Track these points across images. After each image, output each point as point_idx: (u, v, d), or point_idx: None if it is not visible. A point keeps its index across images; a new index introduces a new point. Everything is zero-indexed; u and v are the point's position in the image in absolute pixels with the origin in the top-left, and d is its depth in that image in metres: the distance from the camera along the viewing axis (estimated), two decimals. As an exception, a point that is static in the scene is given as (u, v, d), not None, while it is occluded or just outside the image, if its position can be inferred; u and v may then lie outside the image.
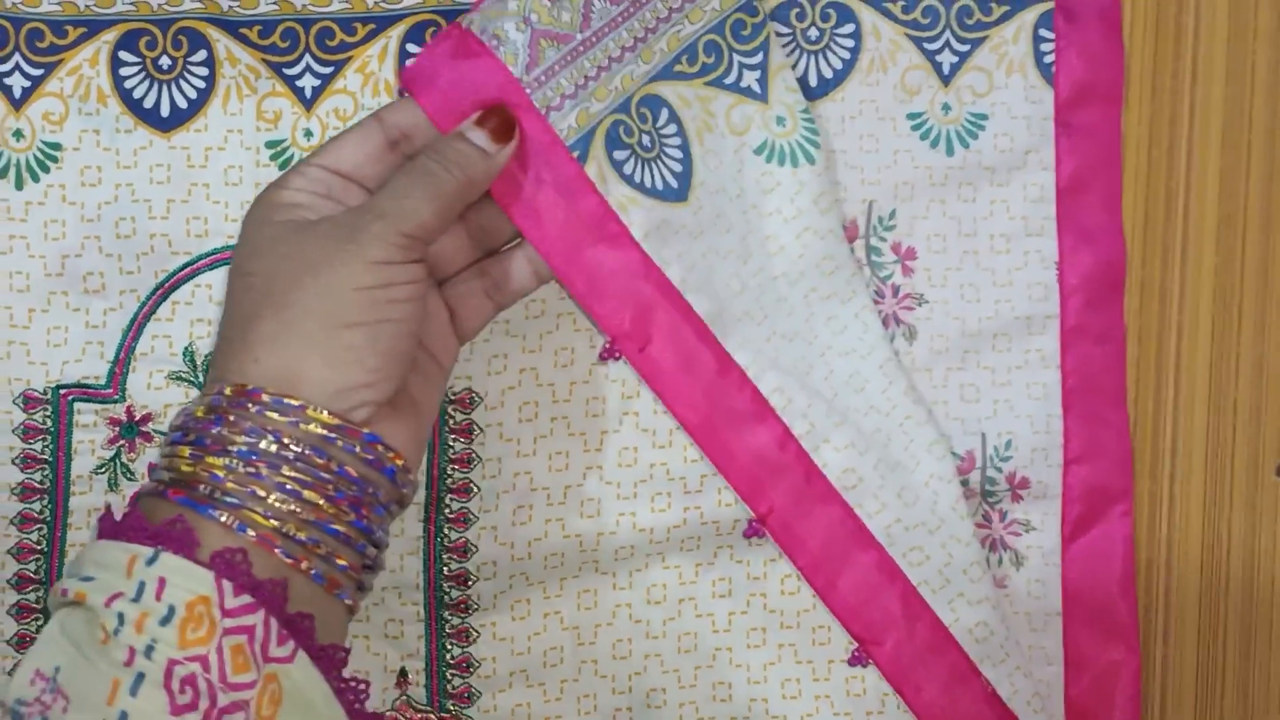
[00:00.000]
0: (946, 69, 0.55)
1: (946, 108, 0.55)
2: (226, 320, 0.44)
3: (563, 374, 0.53)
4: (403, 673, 0.53)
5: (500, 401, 0.53)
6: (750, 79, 0.52)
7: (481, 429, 0.53)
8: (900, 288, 0.55)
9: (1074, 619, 0.55)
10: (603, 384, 0.53)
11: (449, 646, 0.53)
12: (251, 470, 0.40)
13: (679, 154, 0.51)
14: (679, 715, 0.54)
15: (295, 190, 0.45)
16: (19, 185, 0.52)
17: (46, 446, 0.52)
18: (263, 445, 0.40)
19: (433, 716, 0.53)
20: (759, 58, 0.52)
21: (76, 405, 0.52)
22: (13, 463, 0.52)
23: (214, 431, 0.41)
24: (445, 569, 0.53)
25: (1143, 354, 0.56)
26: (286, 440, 0.40)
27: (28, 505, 0.52)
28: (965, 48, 0.55)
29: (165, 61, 0.53)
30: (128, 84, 0.53)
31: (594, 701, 0.54)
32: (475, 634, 0.53)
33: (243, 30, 0.53)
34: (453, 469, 0.53)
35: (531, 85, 0.48)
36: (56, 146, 0.52)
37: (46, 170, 0.52)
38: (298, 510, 0.40)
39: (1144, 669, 0.55)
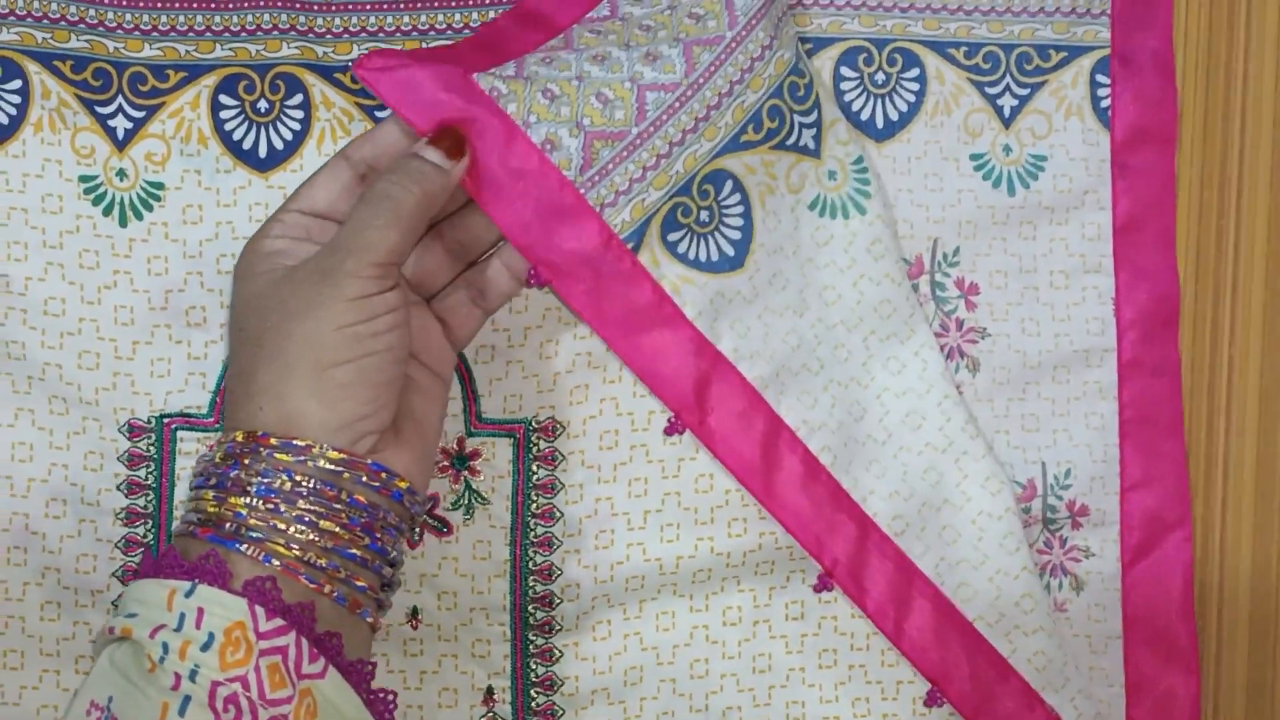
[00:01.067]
0: (1007, 112, 0.58)
1: (1008, 149, 0.58)
2: (231, 373, 0.47)
3: (641, 403, 0.55)
4: (489, 691, 0.55)
5: (582, 430, 0.55)
6: (807, 137, 0.55)
7: (564, 456, 0.55)
8: (964, 321, 0.57)
9: (1134, 642, 0.57)
10: None
11: (533, 666, 0.56)
12: (270, 506, 0.43)
13: (740, 220, 0.54)
14: (754, 732, 0.56)
15: (275, 238, 0.48)
16: (123, 222, 0.55)
17: (150, 473, 0.54)
18: (277, 484, 0.43)
19: (517, 733, 0.56)
20: (814, 115, 0.55)
21: (179, 434, 0.54)
22: (118, 489, 0.54)
23: (232, 475, 0.44)
24: (531, 591, 0.55)
25: (1195, 384, 0.58)
26: (298, 477, 0.44)
27: (132, 529, 0.54)
28: (1025, 92, 0.58)
29: (263, 105, 0.55)
30: (227, 126, 0.55)
31: (672, 719, 0.56)
32: (559, 654, 0.55)
33: (337, 75, 0.55)
34: (537, 495, 0.55)
35: (585, 186, 0.51)
36: (159, 186, 0.55)
37: (150, 208, 0.55)
38: (316, 539, 0.43)
39: (1201, 687, 0.57)
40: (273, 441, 0.44)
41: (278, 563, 0.43)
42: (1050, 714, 0.55)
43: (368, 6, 0.56)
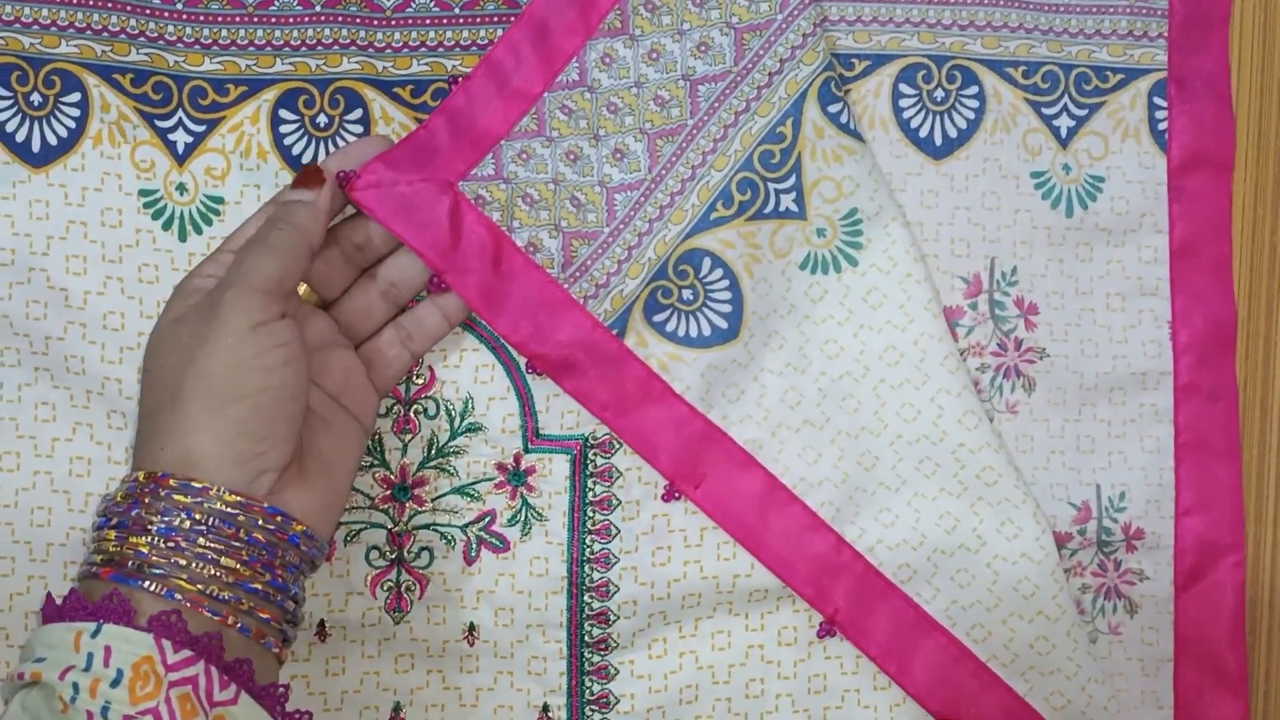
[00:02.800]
0: (1064, 133, 0.58)
1: (1067, 168, 0.58)
2: (140, 413, 0.47)
3: (696, 422, 0.56)
4: (545, 708, 0.55)
5: (639, 448, 0.55)
6: (787, 201, 0.55)
7: (621, 473, 0.55)
8: (1023, 341, 0.57)
9: (1184, 665, 0.57)
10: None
11: (589, 683, 0.55)
12: (171, 544, 0.44)
13: (728, 294, 0.55)
14: (808, 752, 0.56)
15: (206, 276, 0.49)
16: (182, 237, 0.54)
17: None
18: (176, 523, 0.44)
19: (572, 751, 0.56)
20: (792, 180, 0.55)
21: (237, 449, 0.54)
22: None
23: (133, 514, 0.45)
24: (587, 608, 0.55)
25: (1248, 402, 0.58)
26: (197, 516, 0.44)
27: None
28: (1083, 112, 0.58)
29: (323, 119, 0.55)
30: (287, 140, 0.55)
31: (727, 738, 0.56)
32: (614, 671, 0.55)
33: (396, 90, 0.55)
34: (594, 511, 0.55)
35: (568, 282, 0.53)
36: (219, 200, 0.55)
37: (209, 223, 0.54)
38: (217, 574, 0.44)
39: (1250, 711, 0.57)
40: (171, 483, 0.44)
41: (180, 597, 0.43)
42: None
43: (428, 21, 0.56)
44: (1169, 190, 0.58)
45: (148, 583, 0.43)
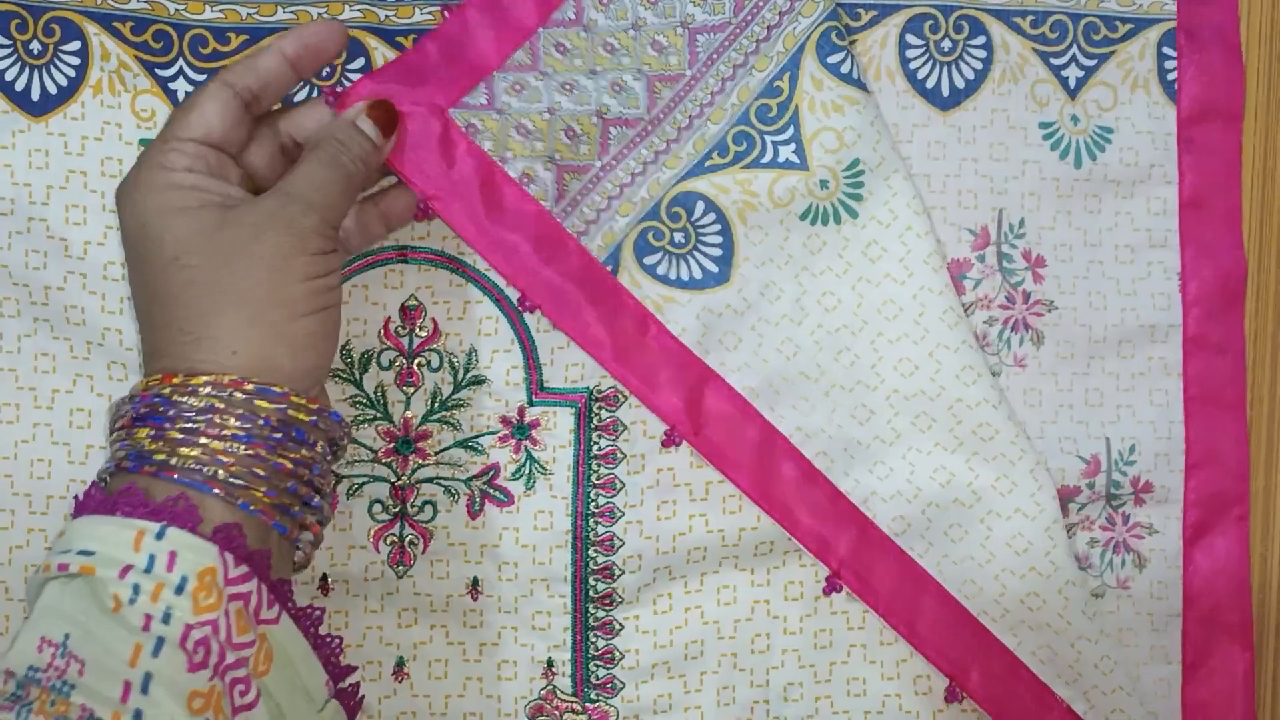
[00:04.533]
0: (1072, 83, 0.57)
1: (1075, 119, 0.57)
2: (173, 310, 0.44)
3: (702, 375, 0.55)
4: (549, 663, 0.55)
5: (644, 401, 0.55)
6: (787, 153, 0.54)
7: (626, 426, 0.55)
8: (1031, 294, 0.57)
9: (1192, 620, 0.57)
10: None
11: (594, 639, 0.55)
12: (250, 453, 0.43)
13: (719, 239, 0.54)
14: (815, 709, 0.56)
15: (184, 172, 0.46)
16: (183, 187, 0.54)
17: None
18: (254, 429, 0.43)
19: (578, 707, 0.55)
20: (790, 132, 0.54)
21: (239, 401, 0.54)
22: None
23: (207, 417, 0.43)
24: (592, 562, 0.55)
25: (1257, 357, 0.58)
26: (275, 423, 0.43)
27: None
28: (1091, 63, 0.57)
29: (324, 68, 0.54)
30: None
31: (733, 694, 0.56)
32: (619, 627, 0.55)
33: (398, 39, 0.55)
34: (598, 465, 0.55)
35: (560, 215, 0.53)
36: (219, 149, 0.54)
37: (210, 172, 0.54)
38: (290, 485, 0.44)
39: (1256, 663, 0.57)
40: (249, 387, 0.43)
41: (255, 509, 0.43)
42: (1061, 703, 0.54)
43: (430, -30, 0.55)
44: (1178, 141, 0.57)
45: (219, 490, 0.42)
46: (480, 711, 0.55)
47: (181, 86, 0.54)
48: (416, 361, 0.55)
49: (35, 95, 0.53)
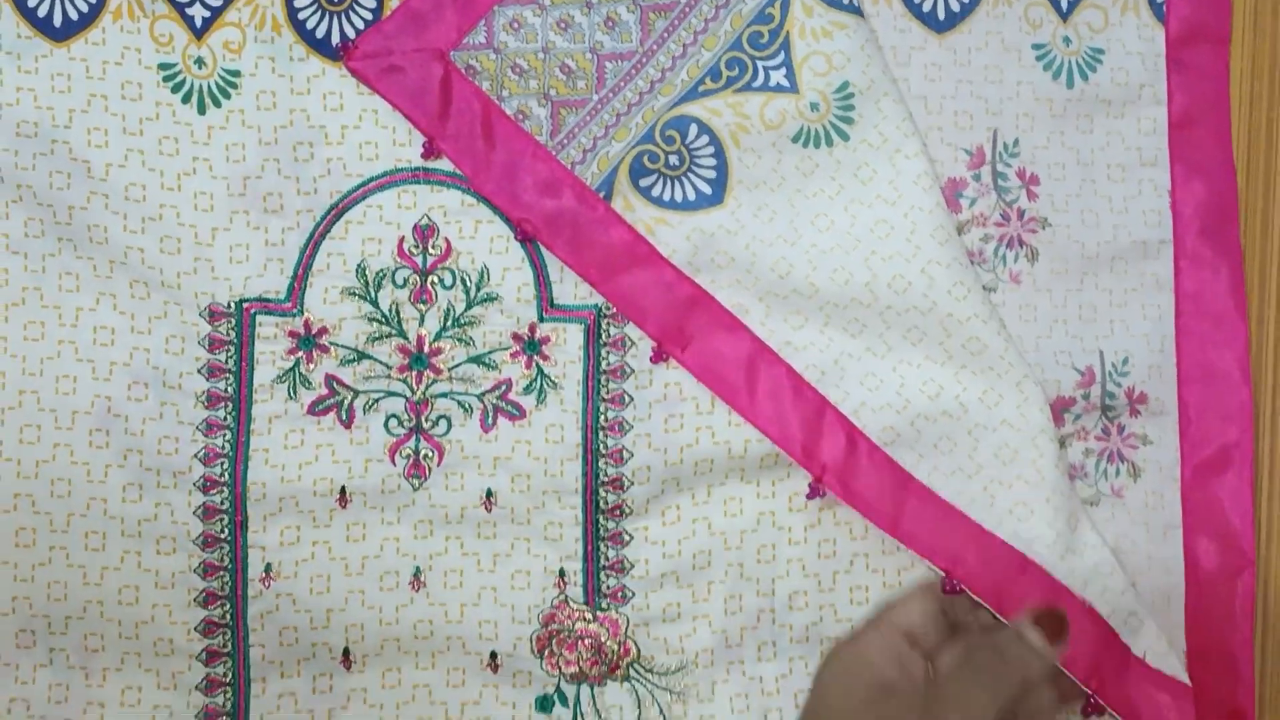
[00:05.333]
0: (1064, 6, 0.59)
1: (1067, 40, 0.59)
2: None
3: (707, 294, 0.57)
4: (561, 573, 0.56)
5: (652, 318, 0.56)
6: (777, 77, 0.56)
7: (634, 342, 0.56)
8: (1025, 211, 0.58)
9: (1193, 531, 0.58)
10: None
11: (604, 549, 0.57)
12: None
13: (713, 161, 0.56)
14: (819, 617, 0.57)
15: (876, 651, 0.47)
16: (201, 109, 0.55)
17: (230, 357, 0.55)
18: None
19: (589, 615, 0.57)
20: (781, 57, 0.56)
21: (258, 318, 0.55)
22: (199, 372, 0.55)
23: None
24: (602, 474, 0.56)
25: (1248, 275, 0.59)
26: None
27: (213, 412, 0.55)
28: (1082, -13, 0.59)
29: (337, -4, 0.56)
30: (300, 15, 0.56)
31: (740, 603, 0.57)
32: (629, 537, 0.57)
33: (410, -33, 0.56)
34: (607, 380, 0.56)
35: (556, 149, 0.55)
36: (235, 74, 0.55)
37: (227, 96, 0.55)
38: None
39: (1258, 579, 0.58)
40: None
41: None
42: (1077, 601, 0.55)
43: (439, -100, 0.56)
44: (1168, 62, 0.59)
45: None
46: (495, 620, 0.56)
47: (198, 12, 0.55)
48: (430, 279, 0.56)
49: (57, 21, 0.54)
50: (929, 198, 0.56)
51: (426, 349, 0.56)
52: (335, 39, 0.56)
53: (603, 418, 0.56)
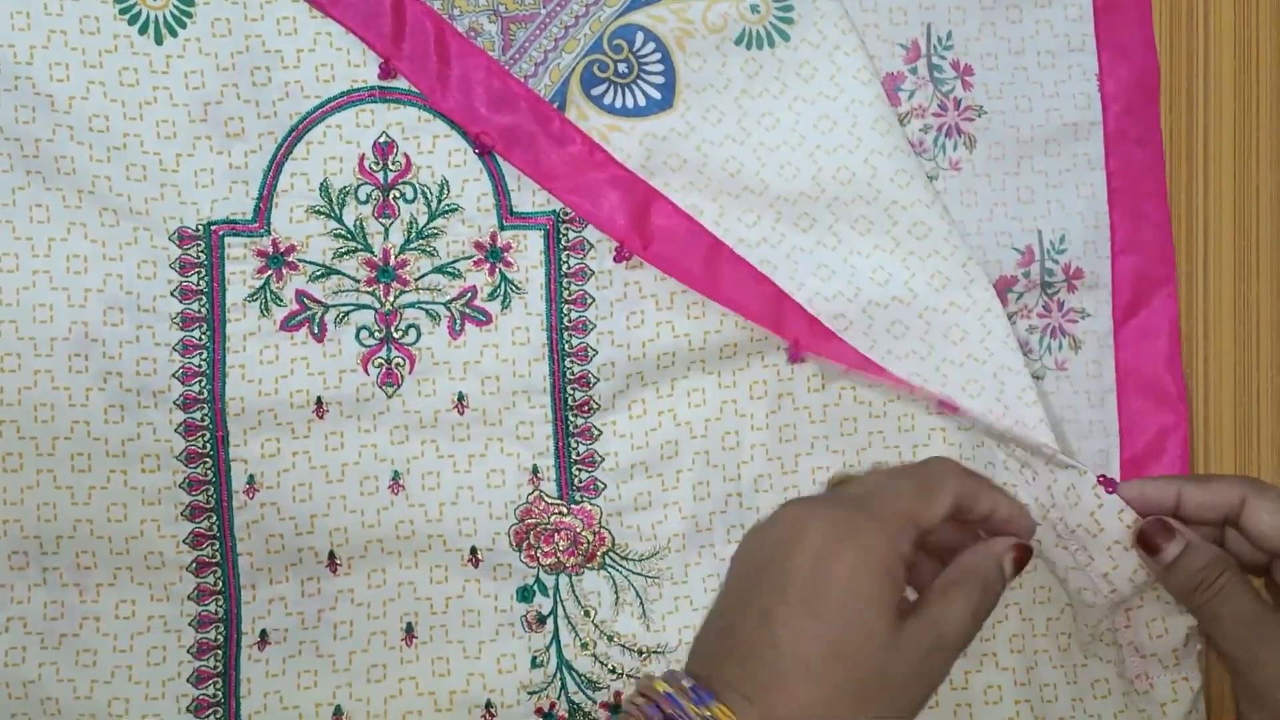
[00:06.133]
0: (989, -96, 0.61)
1: (993, -64, 0.61)
2: (783, 651, 0.44)
3: (660, 196, 0.59)
4: (535, 470, 0.59)
5: (608, 221, 0.59)
6: None
7: (593, 244, 0.59)
8: (961, 100, 0.61)
9: (1127, 393, 0.61)
10: None
11: (575, 444, 0.59)
12: None
13: (660, 66, 0.58)
14: (784, 497, 0.60)
15: (887, 541, 0.46)
16: (159, 40, 0.57)
17: (202, 278, 0.57)
18: None
19: (563, 509, 0.59)
20: None
21: (227, 240, 0.57)
22: (172, 294, 0.57)
23: None
24: (569, 372, 0.59)
25: (1174, 150, 0.62)
26: None
27: (188, 333, 0.57)
28: (1005, -116, 0.61)
29: (283, -78, 0.57)
30: (251, -56, 0.57)
31: (708, 489, 0.60)
32: (598, 432, 0.59)
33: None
34: (569, 282, 0.59)
35: (508, 64, 0.57)
36: (190, 3, 0.57)
37: (183, 25, 0.57)
38: None
39: (1190, 427, 0.62)
40: None
41: None
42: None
43: None
44: (1090, -49, 0.61)
45: None
46: (473, 516, 0.59)
47: (150, -54, 0.57)
48: (392, 194, 0.58)
49: (11, -42, 0.56)
50: (868, 90, 0.58)
51: (392, 261, 0.58)
52: (285, -36, 0.57)
53: (566, 319, 0.59)
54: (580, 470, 0.59)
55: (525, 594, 0.59)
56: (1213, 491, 0.52)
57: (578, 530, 0.59)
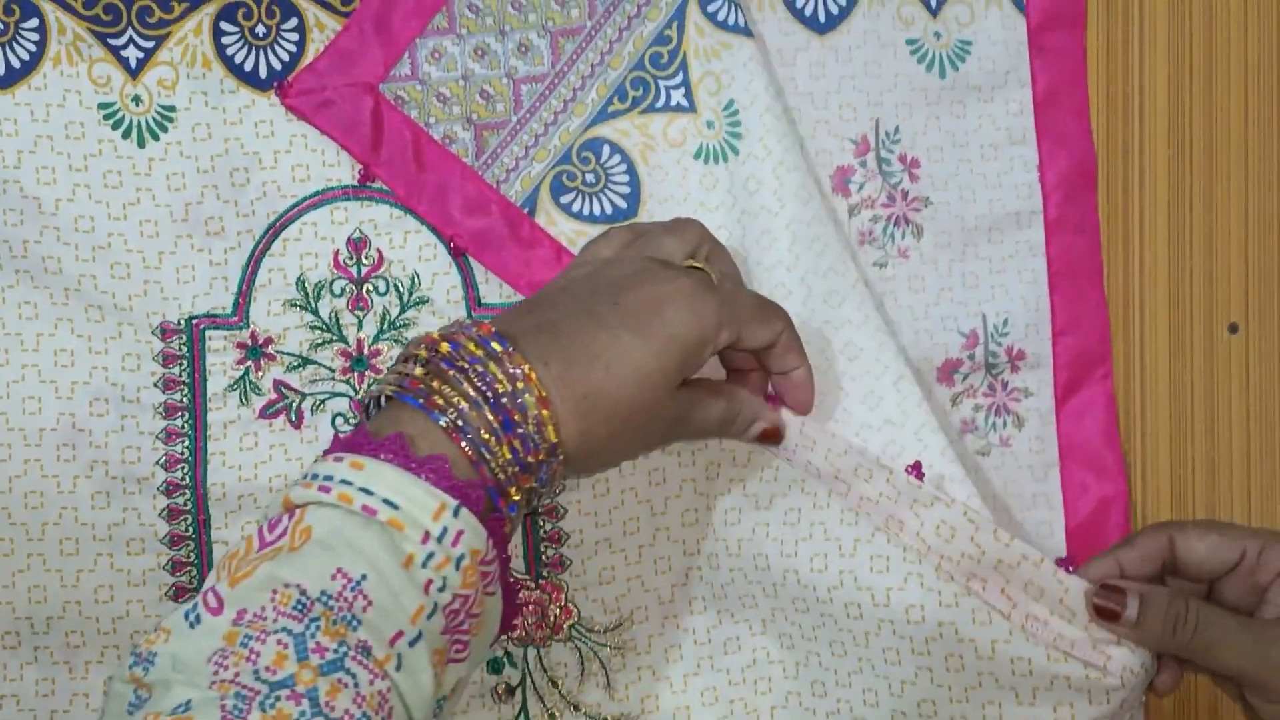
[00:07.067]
0: (934, 3, 0.64)
1: (938, 35, 0.64)
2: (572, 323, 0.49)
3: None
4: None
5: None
6: (677, 96, 0.62)
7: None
8: (909, 192, 0.64)
9: (1069, 466, 0.65)
10: None
11: (541, 523, 0.62)
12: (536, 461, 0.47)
13: (626, 178, 0.62)
14: (742, 569, 0.63)
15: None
16: (141, 144, 0.60)
17: (184, 370, 0.60)
18: (519, 419, 0.47)
19: (531, 583, 0.62)
20: (680, 77, 0.62)
21: (208, 333, 0.60)
22: (155, 385, 0.60)
23: (520, 427, 0.46)
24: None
25: (1111, 236, 0.65)
26: (532, 430, 0.47)
27: (171, 421, 0.60)
28: (928, -14, 0.65)
29: (260, 29, 0.60)
30: (229, 50, 0.60)
31: (669, 563, 0.62)
32: (563, 510, 0.62)
33: (330, 0, 0.61)
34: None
35: (482, 169, 0.61)
36: (171, 109, 0.60)
37: (165, 130, 0.60)
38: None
39: (1129, 496, 0.65)
40: (540, 394, 0.47)
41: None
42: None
43: (351, -66, 0.61)
44: (1030, 48, 0.65)
45: (514, 490, 0.46)
46: (445, 594, 0.61)
47: (133, 53, 0.60)
48: (365, 288, 0.61)
49: (1, 70, 0.58)
50: (808, 209, 0.60)
51: (366, 351, 0.61)
52: (262, 72, 0.60)
53: (533, 404, 0.61)
54: (547, 547, 0.62)
55: (495, 665, 0.62)
56: (1141, 545, 0.54)
57: (545, 604, 0.62)
